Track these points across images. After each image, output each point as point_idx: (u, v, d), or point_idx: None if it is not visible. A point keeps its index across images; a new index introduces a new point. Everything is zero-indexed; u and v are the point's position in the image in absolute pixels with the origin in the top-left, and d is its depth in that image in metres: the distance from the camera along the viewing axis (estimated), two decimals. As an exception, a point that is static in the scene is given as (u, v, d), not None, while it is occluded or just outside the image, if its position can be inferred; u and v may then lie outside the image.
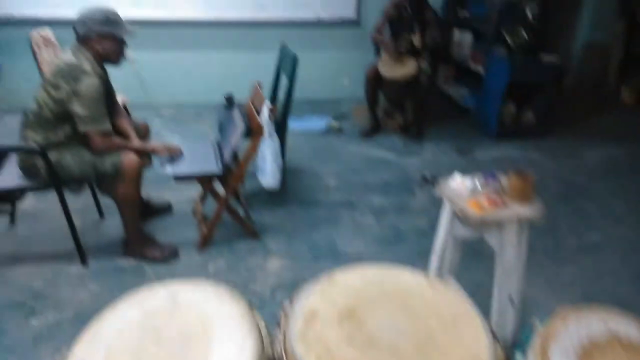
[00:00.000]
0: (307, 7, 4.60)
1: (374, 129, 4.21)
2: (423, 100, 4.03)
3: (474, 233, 1.80)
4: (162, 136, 3.99)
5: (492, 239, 1.74)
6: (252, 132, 2.46)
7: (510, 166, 3.63)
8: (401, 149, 3.96)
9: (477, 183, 1.73)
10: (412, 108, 4.16)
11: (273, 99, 3.46)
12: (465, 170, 3.49)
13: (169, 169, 2.43)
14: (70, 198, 2.42)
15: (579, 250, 2.69)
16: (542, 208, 1.69)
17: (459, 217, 1.76)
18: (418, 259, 2.41)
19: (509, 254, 1.70)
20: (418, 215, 2.99)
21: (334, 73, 4.98)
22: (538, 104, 4.16)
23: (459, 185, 1.75)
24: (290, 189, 3.25)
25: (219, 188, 2.56)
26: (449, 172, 3.48)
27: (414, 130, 4.13)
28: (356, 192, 3.26)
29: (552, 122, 4.29)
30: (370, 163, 3.70)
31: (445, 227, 1.90)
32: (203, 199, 2.83)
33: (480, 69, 4.29)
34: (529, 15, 3.81)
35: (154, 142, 2.52)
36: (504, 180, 1.77)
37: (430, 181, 3.30)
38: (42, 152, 2.14)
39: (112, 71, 2.40)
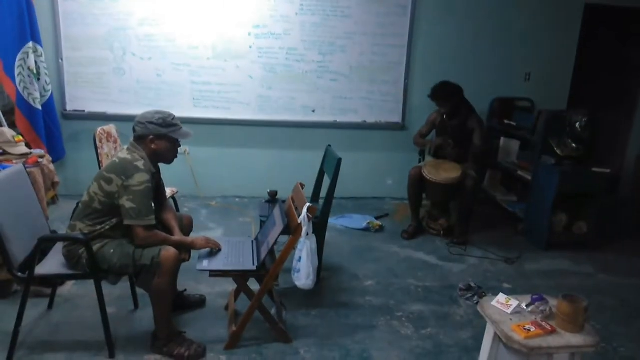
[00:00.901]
0: (355, 112, 4.81)
1: (416, 231, 4.13)
2: (468, 204, 3.97)
3: (520, 360, 1.65)
4: (207, 227, 4.07)
5: (540, 369, 1.59)
6: (291, 231, 2.46)
7: (560, 281, 3.44)
8: (444, 253, 3.83)
9: (524, 305, 1.61)
10: (457, 212, 4.09)
11: (315, 197, 3.50)
12: (511, 281, 3.38)
13: (205, 263, 2.43)
14: (108, 286, 2.45)
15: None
16: (597, 337, 1.54)
17: (502, 341, 1.63)
18: (459, 380, 2.21)
19: (560, 388, 1.54)
20: (462, 328, 2.80)
21: (377, 172, 5.04)
22: (590, 214, 3.99)
23: (504, 305, 1.63)
24: (326, 290, 3.16)
25: (254, 285, 2.52)
26: (495, 281, 3.37)
27: (458, 235, 4.01)
28: (395, 296, 3.13)
29: (607, 234, 4.07)
30: (411, 266, 3.59)
31: (488, 350, 1.75)
32: (237, 295, 2.79)
33: (528, 176, 4.22)
34: (577, 126, 3.78)
35: (195, 237, 2.56)
36: (554, 303, 1.64)
37: (475, 292, 3.12)
38: (87, 243, 2.21)
39: (166, 163, 2.52)
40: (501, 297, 1.68)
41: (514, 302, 1.61)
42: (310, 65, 4.63)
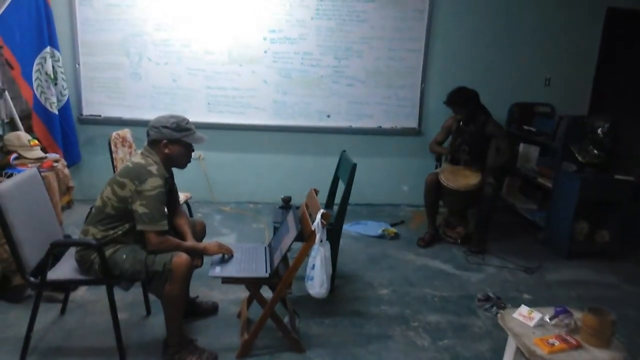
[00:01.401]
0: (371, 117, 4.76)
1: (432, 238, 4.05)
2: (487, 212, 3.88)
3: (543, 376, 1.57)
4: (221, 233, 4.05)
5: (564, 386, 1.51)
6: (304, 237, 2.42)
7: (582, 292, 3.33)
8: (461, 262, 3.74)
9: (547, 318, 1.54)
10: (475, 219, 4.00)
11: (330, 203, 3.45)
12: (532, 291, 3.28)
13: (217, 270, 2.40)
14: (120, 291, 2.43)
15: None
16: (624, 352, 1.46)
17: (525, 355, 1.55)
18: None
19: (587, 407, 1.46)
20: (480, 339, 2.72)
21: (393, 179, 4.98)
22: (613, 223, 3.87)
23: (526, 318, 1.56)
24: (340, 298, 3.10)
25: (267, 292, 2.48)
26: (514, 291, 3.28)
27: (476, 243, 3.92)
28: (410, 306, 3.05)
29: (631, 243, 3.95)
30: (427, 274, 3.51)
31: (509, 365, 1.68)
32: (250, 302, 2.75)
33: (548, 183, 4.11)
34: (599, 132, 3.68)
35: (207, 242, 2.53)
36: (579, 316, 1.57)
37: (494, 302, 3.03)
38: (99, 248, 2.20)
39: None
40: (523, 309, 1.61)
41: (536, 315, 1.54)
42: (325, 70, 4.60)
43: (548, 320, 1.52)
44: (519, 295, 3.24)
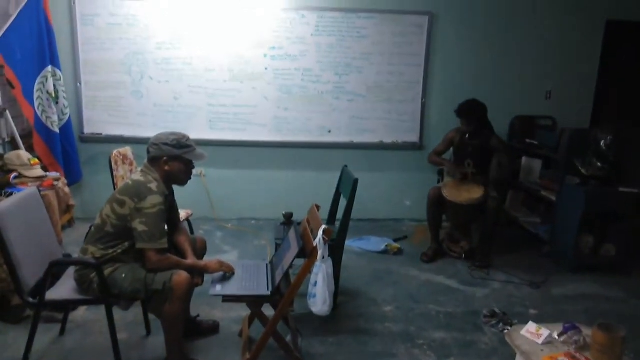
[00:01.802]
0: (372, 132, 4.75)
1: (436, 253, 4.01)
2: (491, 226, 3.84)
3: (553, 395, 1.53)
4: (222, 250, 4.01)
5: (575, 405, 1.46)
6: (306, 254, 2.39)
7: (590, 306, 3.27)
8: (466, 277, 3.69)
9: (555, 334, 1.50)
10: (479, 233, 3.96)
11: (332, 219, 3.43)
12: (538, 306, 3.22)
13: (218, 288, 2.36)
14: (120, 311, 2.40)
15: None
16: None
17: (534, 374, 1.51)
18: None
19: None
20: (487, 357, 2.66)
21: (395, 194, 4.95)
22: (619, 236, 3.83)
23: (534, 335, 1.52)
24: (343, 315, 3.05)
25: (269, 310, 2.44)
26: (520, 307, 3.22)
27: (480, 258, 3.88)
28: (415, 323, 3.00)
29: (637, 256, 3.90)
30: (432, 290, 3.46)
31: (517, 383, 1.64)
32: (251, 320, 2.71)
33: (552, 196, 4.08)
34: (602, 144, 3.66)
35: (208, 260, 2.50)
36: (588, 332, 1.53)
37: (500, 318, 2.98)
38: (98, 267, 2.17)
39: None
40: (531, 326, 1.57)
41: (544, 332, 1.50)
42: (326, 86, 4.61)
43: (556, 337, 1.48)
44: (525, 311, 3.19)
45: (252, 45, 4.45)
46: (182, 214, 3.05)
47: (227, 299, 2.34)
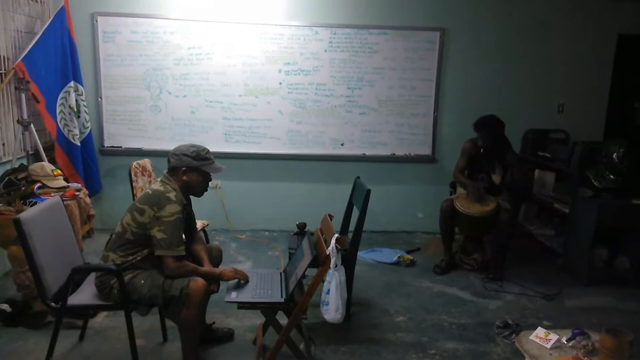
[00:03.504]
0: (384, 145, 4.81)
1: (448, 265, 4.02)
2: (504, 238, 3.84)
3: (563, 400, 1.55)
4: (236, 260, 4.07)
5: (585, 410, 1.48)
6: (319, 262, 2.43)
7: (603, 318, 3.25)
8: (479, 289, 3.70)
9: (564, 339, 1.53)
10: (492, 246, 3.97)
11: (344, 230, 3.47)
12: (551, 318, 3.22)
13: (233, 295, 2.42)
14: (138, 318, 2.46)
15: None
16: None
17: (543, 378, 1.53)
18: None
19: None
20: (498, 368, 2.67)
21: (408, 206, 4.98)
22: (633, 248, 3.81)
23: (543, 340, 1.55)
24: (356, 325, 3.08)
25: (283, 319, 2.49)
26: (533, 318, 3.22)
27: (493, 270, 3.88)
28: (427, 333, 3.02)
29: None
30: (444, 302, 3.47)
31: (527, 389, 1.65)
32: (265, 328, 2.75)
33: (565, 208, 4.08)
34: (615, 157, 3.66)
35: (223, 268, 2.56)
36: (596, 338, 1.55)
37: (512, 329, 2.98)
38: (119, 273, 2.24)
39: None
40: (540, 330, 1.60)
41: (553, 337, 1.53)
42: (339, 100, 4.70)
43: (565, 342, 1.50)
44: (538, 322, 3.17)
45: (267, 61, 4.56)
46: (198, 223, 3.13)
47: (242, 305, 2.39)
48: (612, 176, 3.72)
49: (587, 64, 4.86)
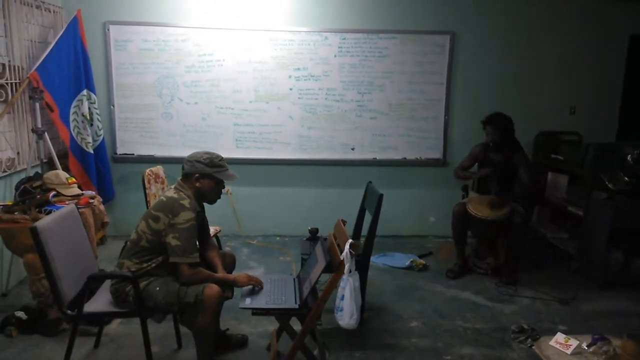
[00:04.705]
0: (395, 149, 4.80)
1: (461, 270, 3.99)
2: (517, 241, 3.81)
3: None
4: (248, 266, 4.08)
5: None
6: (333, 268, 2.43)
7: (620, 322, 3.20)
8: (493, 293, 3.67)
9: (584, 345, 1.51)
10: (505, 249, 3.93)
11: (357, 234, 3.46)
12: (567, 322, 3.18)
13: (248, 301, 2.42)
14: (152, 325, 2.47)
15: None
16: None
17: (564, 384, 1.51)
18: None
19: None
20: (514, 373, 2.64)
21: (420, 210, 4.96)
22: (650, 251, 3.76)
23: (563, 345, 1.53)
24: (370, 330, 3.07)
25: (297, 325, 2.48)
26: (549, 323, 3.19)
27: (507, 274, 3.84)
28: (442, 338, 3.00)
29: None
30: (458, 306, 3.44)
31: (547, 395, 1.63)
32: (279, 335, 2.75)
33: (579, 211, 4.04)
34: (629, 159, 3.62)
35: (237, 274, 2.56)
36: (617, 343, 1.53)
37: (528, 334, 2.94)
38: (134, 280, 2.25)
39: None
40: (560, 336, 1.58)
41: (574, 342, 1.51)
42: (349, 105, 4.70)
43: (586, 348, 1.48)
44: (554, 327, 3.13)
45: (277, 66, 4.58)
46: (211, 230, 3.13)
47: (257, 311, 2.40)
48: (626, 178, 3.68)
49: (598, 65, 4.82)
